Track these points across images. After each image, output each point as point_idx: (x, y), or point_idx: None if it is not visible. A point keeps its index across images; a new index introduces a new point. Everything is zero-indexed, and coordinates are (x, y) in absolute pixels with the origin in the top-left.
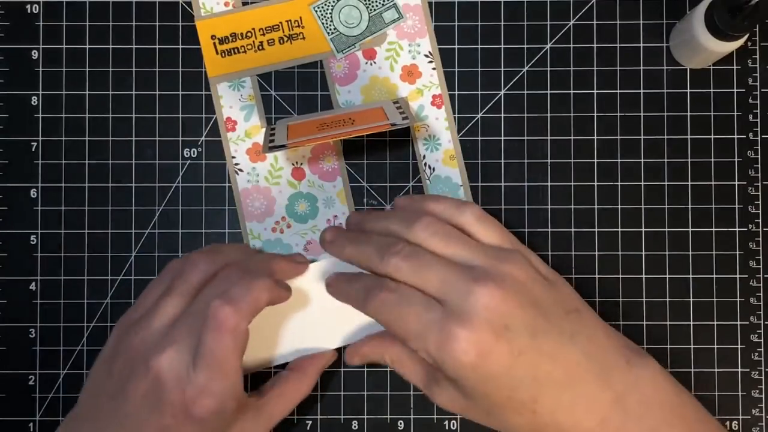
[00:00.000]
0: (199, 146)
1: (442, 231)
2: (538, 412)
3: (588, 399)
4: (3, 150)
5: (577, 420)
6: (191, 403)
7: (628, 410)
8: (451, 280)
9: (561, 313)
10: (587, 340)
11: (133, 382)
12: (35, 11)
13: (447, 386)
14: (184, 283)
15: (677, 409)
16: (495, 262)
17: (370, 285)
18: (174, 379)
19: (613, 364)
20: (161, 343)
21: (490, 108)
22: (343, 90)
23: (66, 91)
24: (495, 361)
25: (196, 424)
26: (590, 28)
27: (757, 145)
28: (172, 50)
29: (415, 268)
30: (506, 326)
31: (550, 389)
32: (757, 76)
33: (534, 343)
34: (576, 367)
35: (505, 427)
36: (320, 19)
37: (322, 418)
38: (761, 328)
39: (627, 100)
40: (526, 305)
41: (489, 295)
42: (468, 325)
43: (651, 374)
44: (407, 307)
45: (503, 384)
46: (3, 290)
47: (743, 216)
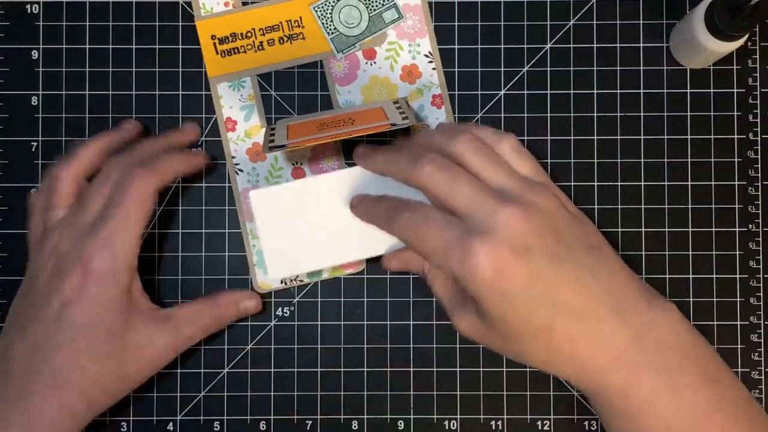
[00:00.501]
0: (199, 146)
1: (481, 150)
2: (554, 339)
3: (605, 333)
4: (3, 150)
5: (593, 352)
6: (88, 259)
7: (644, 348)
8: (478, 197)
9: (582, 246)
10: (607, 277)
11: (38, 275)
12: (35, 11)
13: (469, 308)
14: (60, 196)
15: (692, 353)
16: (523, 189)
17: (394, 205)
18: (71, 245)
19: (633, 304)
20: (58, 230)
21: (490, 108)
22: (343, 90)
23: (66, 91)
24: (512, 279)
25: (93, 284)
26: (590, 28)
27: (757, 145)
28: (172, 50)
29: (446, 179)
30: (526, 247)
31: (567, 317)
32: (757, 76)
33: (553, 267)
34: (594, 300)
35: (521, 354)
36: (320, 19)
37: (322, 418)
38: (761, 328)
39: (627, 100)
40: (548, 232)
41: (513, 216)
42: (488, 241)
43: (669, 318)
44: (430, 225)
45: (520, 305)
46: (3, 290)
47: (743, 216)
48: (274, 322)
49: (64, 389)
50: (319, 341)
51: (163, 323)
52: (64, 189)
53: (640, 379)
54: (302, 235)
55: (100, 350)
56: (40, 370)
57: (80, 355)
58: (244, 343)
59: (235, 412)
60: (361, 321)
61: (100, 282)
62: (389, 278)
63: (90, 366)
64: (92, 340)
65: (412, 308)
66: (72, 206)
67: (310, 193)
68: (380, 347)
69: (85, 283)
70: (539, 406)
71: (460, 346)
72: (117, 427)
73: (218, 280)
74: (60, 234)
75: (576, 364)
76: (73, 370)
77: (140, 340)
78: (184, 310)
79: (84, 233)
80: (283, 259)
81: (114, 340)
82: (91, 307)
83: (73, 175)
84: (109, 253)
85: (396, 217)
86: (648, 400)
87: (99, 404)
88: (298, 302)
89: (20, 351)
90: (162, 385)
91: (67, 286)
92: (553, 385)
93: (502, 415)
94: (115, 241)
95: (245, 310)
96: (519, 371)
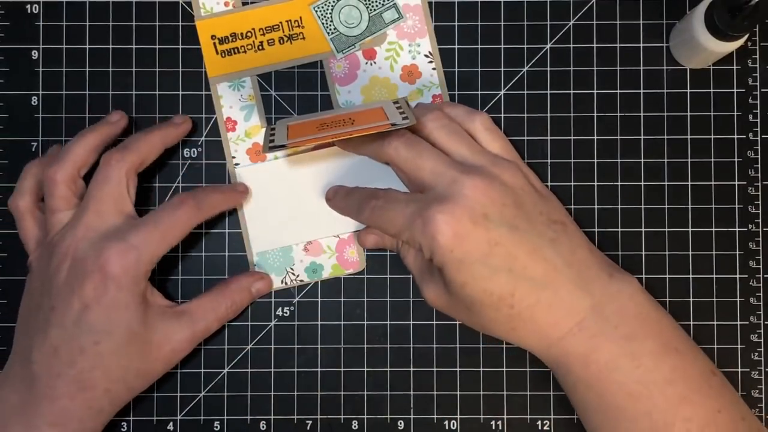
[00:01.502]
0: (199, 146)
1: (449, 127)
2: (515, 306)
3: (566, 302)
4: (3, 150)
5: (555, 319)
6: (107, 262)
7: (606, 317)
8: (440, 168)
9: (545, 220)
10: (568, 250)
11: (54, 277)
12: (35, 11)
13: (436, 279)
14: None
15: (654, 324)
16: (488, 163)
17: (363, 196)
18: (89, 248)
19: (594, 276)
20: (71, 232)
21: (490, 108)
22: (343, 90)
23: (66, 91)
24: (471, 245)
25: (113, 287)
26: (590, 28)
27: (757, 145)
28: (172, 50)
29: (412, 153)
30: (485, 215)
31: (527, 285)
32: (757, 76)
33: (512, 236)
34: (554, 271)
35: (484, 325)
36: (320, 19)
37: (322, 418)
38: (761, 328)
39: (627, 100)
40: (509, 203)
41: (473, 186)
42: (447, 208)
43: (631, 290)
44: (393, 205)
45: (479, 273)
46: (3, 290)
47: (743, 216)
48: (274, 322)
49: (89, 390)
50: (319, 341)
51: (180, 318)
52: (64, 192)
53: (600, 347)
54: (284, 211)
55: (121, 351)
56: (65, 374)
57: (103, 358)
58: (244, 343)
59: (235, 412)
60: (361, 321)
61: (120, 286)
62: (389, 278)
63: (113, 367)
64: (114, 343)
65: (412, 308)
66: (75, 206)
67: (293, 171)
68: (380, 347)
69: (105, 287)
70: (539, 406)
71: (460, 346)
72: (117, 427)
73: (218, 280)
74: (73, 236)
75: (538, 333)
76: (96, 372)
77: (159, 337)
78: (199, 303)
79: (103, 236)
80: (266, 233)
81: (134, 341)
82: (111, 310)
83: (69, 176)
84: (133, 258)
85: (364, 207)
86: (607, 368)
87: (122, 399)
88: (298, 302)
89: (42, 355)
90: (162, 385)
91: (87, 289)
92: (553, 385)
93: (502, 415)
94: (143, 246)
95: (257, 293)
96: (519, 371)
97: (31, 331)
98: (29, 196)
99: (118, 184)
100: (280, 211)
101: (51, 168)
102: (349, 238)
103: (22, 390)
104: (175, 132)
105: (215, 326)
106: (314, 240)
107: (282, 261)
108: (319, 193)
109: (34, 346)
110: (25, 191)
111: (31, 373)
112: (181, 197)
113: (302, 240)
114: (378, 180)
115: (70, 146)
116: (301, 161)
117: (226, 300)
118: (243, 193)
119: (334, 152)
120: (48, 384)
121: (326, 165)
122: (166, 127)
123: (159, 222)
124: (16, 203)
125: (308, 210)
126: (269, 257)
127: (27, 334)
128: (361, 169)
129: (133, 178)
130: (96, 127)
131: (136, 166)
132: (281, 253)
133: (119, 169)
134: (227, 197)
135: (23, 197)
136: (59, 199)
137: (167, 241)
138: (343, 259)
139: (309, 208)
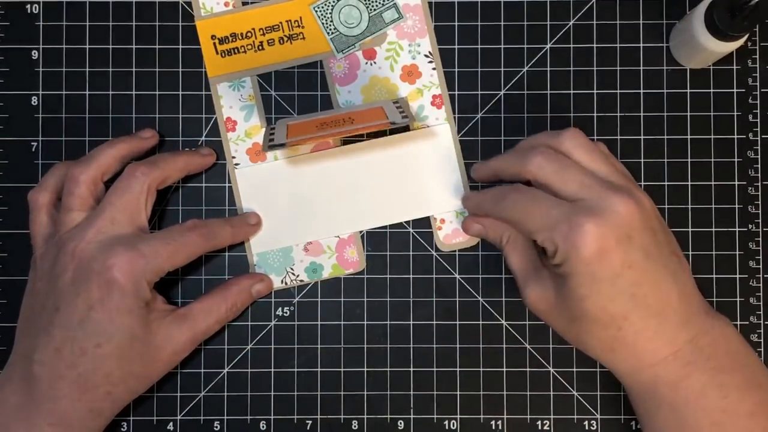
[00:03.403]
0: (199, 146)
1: (588, 144)
2: (623, 329)
3: (669, 332)
4: (3, 150)
5: (655, 347)
6: (114, 268)
7: (699, 349)
8: (589, 182)
9: (668, 251)
10: (683, 284)
11: (60, 276)
12: (35, 11)
13: (544, 281)
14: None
15: (741, 359)
16: (630, 185)
17: (504, 189)
18: (97, 251)
19: (696, 311)
20: (80, 233)
21: (490, 108)
22: (343, 90)
23: (66, 91)
24: (608, 263)
25: (118, 293)
26: (590, 28)
27: (757, 145)
28: (172, 50)
29: (556, 168)
30: (629, 237)
31: (641, 311)
32: (757, 76)
33: (644, 263)
34: (668, 302)
35: (581, 340)
36: (320, 19)
37: (322, 418)
38: (761, 328)
39: (627, 100)
40: (648, 229)
41: (624, 203)
42: (598, 220)
43: (724, 326)
44: (539, 203)
45: (604, 291)
46: (3, 290)
47: (743, 216)
48: (274, 322)
49: (90, 392)
50: (319, 341)
51: (181, 321)
52: (83, 192)
53: (691, 375)
54: (284, 211)
55: (123, 355)
56: (66, 375)
57: (105, 361)
58: (244, 343)
59: (235, 412)
60: (361, 321)
61: (125, 292)
62: (389, 278)
63: (114, 370)
64: (116, 346)
65: (412, 308)
66: (90, 209)
67: (294, 171)
68: (380, 347)
69: (110, 292)
70: (539, 406)
71: (460, 346)
72: (117, 427)
73: (218, 280)
74: (82, 238)
75: (634, 358)
76: (98, 375)
77: (160, 341)
78: (200, 305)
79: (112, 241)
80: (266, 233)
81: (136, 345)
82: (114, 315)
83: (92, 178)
84: (140, 266)
85: (504, 197)
86: (696, 395)
87: (123, 401)
88: (298, 302)
89: (45, 355)
90: (162, 385)
91: (92, 292)
92: (553, 385)
93: (502, 415)
94: (151, 256)
95: (258, 294)
96: (519, 371)
97: (34, 331)
98: (49, 192)
99: (138, 196)
100: (280, 212)
101: (76, 167)
102: (349, 238)
103: (23, 390)
104: (200, 161)
105: (216, 328)
106: (314, 240)
107: (282, 261)
108: (319, 194)
109: (38, 347)
110: (47, 187)
111: (33, 374)
112: (194, 222)
113: (302, 240)
114: (378, 180)
115: (99, 150)
116: (301, 161)
117: (227, 301)
118: (254, 227)
119: (335, 153)
120: (50, 385)
121: (326, 165)
122: (193, 155)
123: (169, 239)
124: (35, 196)
125: (308, 210)
126: (269, 257)
127: (29, 334)
128: (361, 169)
129: (153, 194)
130: (127, 138)
131: (158, 183)
132: (281, 253)
133: (142, 182)
134: (237, 232)
135: (44, 192)
136: (77, 198)
137: (174, 259)
138: (343, 259)
139: (309, 208)
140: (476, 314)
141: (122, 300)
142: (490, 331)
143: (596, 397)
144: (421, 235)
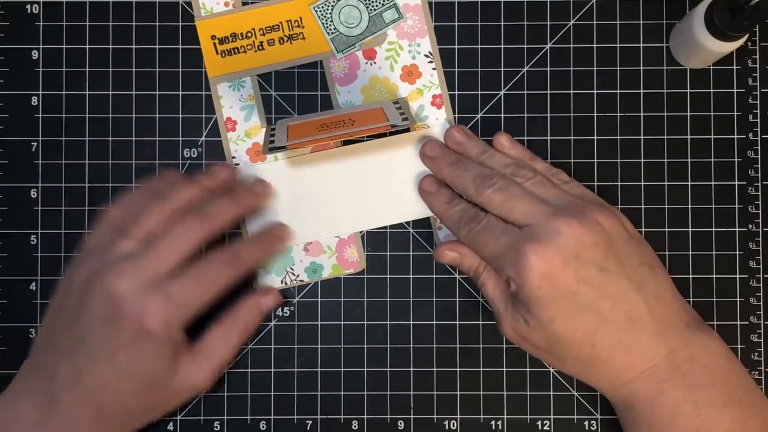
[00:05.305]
0: (199, 146)
1: (539, 177)
2: (597, 346)
3: (644, 347)
4: (3, 150)
5: (630, 361)
6: (149, 315)
7: (677, 365)
8: (534, 211)
9: (634, 263)
10: (653, 295)
11: (91, 306)
12: (35, 11)
13: (516, 313)
14: (141, 230)
15: (723, 374)
16: (580, 206)
17: (464, 216)
18: (134, 292)
19: (673, 324)
20: (121, 266)
21: (490, 108)
22: (343, 90)
23: (66, 91)
24: (561, 283)
25: (149, 339)
26: (590, 28)
27: (757, 145)
28: (172, 50)
29: (504, 200)
30: (577, 256)
31: (609, 325)
32: (757, 76)
33: (601, 278)
34: (636, 315)
35: (563, 364)
36: (320, 19)
37: (322, 418)
38: (761, 328)
39: (627, 100)
40: (601, 245)
41: (567, 225)
42: (540, 246)
43: (706, 339)
44: (490, 232)
45: (566, 309)
46: (3, 290)
47: (743, 216)
48: (274, 322)
49: (107, 422)
50: (319, 341)
51: (197, 357)
52: (148, 226)
53: (666, 392)
54: (284, 211)
55: (141, 393)
56: (85, 403)
57: (124, 397)
58: (244, 343)
59: (235, 412)
60: (361, 321)
61: (157, 339)
62: (389, 278)
63: (132, 407)
64: (137, 385)
65: (412, 308)
66: (141, 242)
67: (294, 172)
68: (380, 347)
69: (142, 338)
70: (539, 406)
71: (460, 346)
72: None
73: None
74: (120, 272)
75: (611, 374)
76: (116, 407)
77: (180, 380)
78: (212, 337)
79: (151, 284)
80: None
81: (157, 388)
82: (142, 357)
83: (164, 214)
84: (173, 315)
85: (463, 226)
86: (670, 413)
87: (136, 428)
88: (298, 302)
89: (67, 379)
90: None
91: (123, 336)
92: (553, 385)
93: (502, 415)
94: (184, 304)
95: (267, 308)
96: (519, 371)
97: (58, 350)
98: (124, 212)
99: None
100: (280, 212)
101: (155, 201)
102: (349, 238)
103: (42, 406)
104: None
105: (232, 356)
106: (314, 240)
107: (282, 261)
108: (319, 194)
109: (60, 368)
110: (124, 206)
111: (54, 394)
112: (222, 256)
113: (302, 240)
114: (378, 181)
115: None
116: (301, 162)
117: (238, 326)
118: (279, 239)
119: (335, 153)
120: (69, 407)
121: (326, 165)
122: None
123: (201, 280)
124: (111, 211)
125: (308, 210)
126: None
127: (53, 350)
128: (361, 170)
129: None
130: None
131: (211, 237)
132: (281, 253)
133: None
134: (265, 249)
135: (119, 211)
136: (139, 232)
137: (206, 297)
138: (343, 259)
139: (309, 208)
140: (476, 314)
141: (152, 347)
142: (490, 331)
143: (596, 397)
144: (421, 235)
